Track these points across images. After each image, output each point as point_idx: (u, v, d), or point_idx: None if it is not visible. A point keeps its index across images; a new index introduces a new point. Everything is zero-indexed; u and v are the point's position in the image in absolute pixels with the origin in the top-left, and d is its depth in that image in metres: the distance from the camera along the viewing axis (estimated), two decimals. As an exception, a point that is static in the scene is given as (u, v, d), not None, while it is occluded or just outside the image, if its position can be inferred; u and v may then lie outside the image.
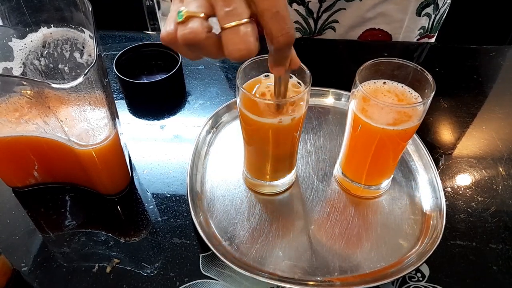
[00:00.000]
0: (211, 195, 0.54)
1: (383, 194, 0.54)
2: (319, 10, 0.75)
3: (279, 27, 0.32)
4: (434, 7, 0.76)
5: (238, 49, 0.31)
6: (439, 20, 0.81)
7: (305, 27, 0.79)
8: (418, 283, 0.46)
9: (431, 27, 0.80)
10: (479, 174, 0.57)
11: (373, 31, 0.78)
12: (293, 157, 0.52)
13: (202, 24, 0.31)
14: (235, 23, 0.30)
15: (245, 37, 0.31)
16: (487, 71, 0.74)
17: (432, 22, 0.79)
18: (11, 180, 0.53)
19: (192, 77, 0.71)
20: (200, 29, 0.31)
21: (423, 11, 0.75)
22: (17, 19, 0.47)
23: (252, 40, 0.31)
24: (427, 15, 0.77)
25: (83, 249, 0.49)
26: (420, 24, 0.78)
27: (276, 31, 0.32)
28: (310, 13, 0.76)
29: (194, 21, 0.31)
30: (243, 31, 0.31)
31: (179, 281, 0.46)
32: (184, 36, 0.31)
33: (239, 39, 0.31)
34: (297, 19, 0.77)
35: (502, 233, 0.50)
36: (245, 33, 0.31)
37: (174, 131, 0.63)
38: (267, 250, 0.48)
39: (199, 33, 0.31)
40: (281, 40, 0.32)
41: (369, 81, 0.47)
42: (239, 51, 0.31)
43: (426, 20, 0.78)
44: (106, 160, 0.48)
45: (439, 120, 0.64)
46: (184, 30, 0.31)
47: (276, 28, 0.32)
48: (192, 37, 0.31)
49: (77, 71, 0.51)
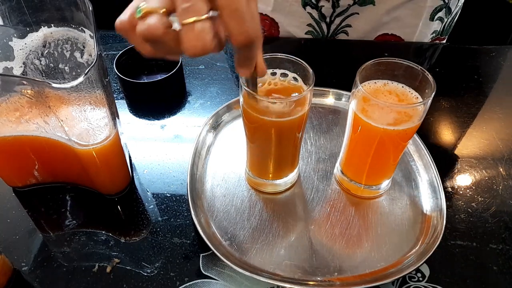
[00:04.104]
0: (211, 195, 0.54)
1: (383, 194, 0.54)
2: (332, 15, 0.75)
3: (237, 25, 0.31)
4: (446, 11, 0.75)
5: (193, 45, 0.30)
6: (451, 23, 0.81)
7: (318, 30, 0.78)
8: (418, 283, 0.46)
9: (443, 29, 0.80)
10: (480, 174, 0.57)
11: (386, 36, 0.77)
12: (295, 156, 0.52)
13: (160, 20, 0.30)
14: (192, 20, 0.30)
15: (201, 34, 0.30)
16: (488, 71, 0.73)
17: (444, 25, 0.79)
18: (12, 180, 0.53)
19: (193, 77, 0.71)
20: (158, 25, 0.30)
21: (436, 15, 0.75)
22: (18, 19, 0.47)
23: (208, 37, 0.30)
24: (439, 19, 0.76)
25: (83, 249, 0.49)
26: (433, 28, 0.77)
27: (234, 30, 0.31)
28: (323, 17, 0.76)
29: (152, 17, 0.31)
30: (199, 27, 0.30)
31: (179, 280, 0.46)
32: (142, 31, 0.31)
33: (194, 36, 0.30)
34: (310, 22, 0.77)
35: (502, 233, 0.50)
36: (202, 30, 0.30)
37: (174, 131, 0.63)
38: (267, 250, 0.48)
39: (156, 29, 0.30)
40: (239, 40, 0.31)
41: (370, 81, 0.47)
42: (194, 47, 0.30)
43: (439, 24, 0.77)
44: (107, 160, 0.49)
45: (440, 120, 0.64)
46: (142, 26, 0.31)
47: (234, 27, 0.31)
48: (150, 33, 0.31)
49: (78, 70, 0.51)
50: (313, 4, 0.74)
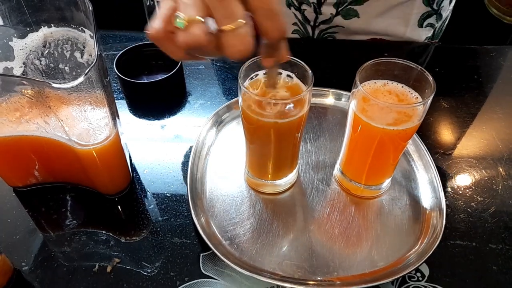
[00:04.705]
0: (211, 194, 0.54)
1: (383, 194, 0.54)
2: (316, 20, 0.75)
3: (273, 23, 0.33)
4: (437, 17, 0.75)
5: (238, 50, 0.32)
6: (441, 27, 0.81)
7: (303, 31, 0.78)
8: (418, 283, 0.46)
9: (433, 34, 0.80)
10: (479, 174, 0.57)
11: (375, 40, 0.77)
12: (295, 157, 0.52)
13: (204, 29, 0.32)
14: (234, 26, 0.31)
15: (244, 39, 0.32)
16: (488, 71, 0.74)
17: (434, 30, 0.79)
18: (12, 180, 0.53)
19: (193, 77, 0.71)
20: (202, 35, 0.31)
21: (425, 22, 0.74)
22: (18, 19, 0.47)
23: (250, 40, 0.32)
24: (430, 25, 0.76)
25: (83, 249, 0.49)
26: (423, 34, 0.77)
27: (270, 28, 0.33)
28: (306, 20, 0.76)
29: (195, 26, 0.31)
30: (242, 33, 0.32)
31: (179, 280, 0.46)
32: (187, 42, 0.32)
33: (238, 41, 0.32)
34: (296, 21, 0.77)
35: (502, 233, 0.50)
36: (244, 35, 0.32)
37: (174, 131, 0.63)
38: (268, 249, 0.48)
39: (202, 39, 0.32)
40: (275, 36, 0.34)
41: (369, 81, 0.47)
42: (240, 52, 0.32)
43: (430, 30, 0.77)
44: (107, 160, 0.49)
45: (439, 120, 0.64)
46: (187, 36, 0.32)
47: (270, 25, 0.33)
48: (196, 43, 0.32)
49: (78, 70, 0.51)
50: (296, 6, 0.74)
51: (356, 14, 0.72)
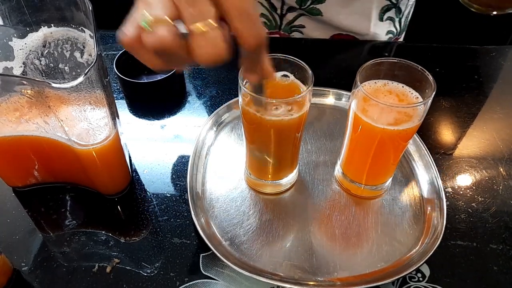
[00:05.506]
0: (211, 195, 0.53)
1: (383, 194, 0.54)
2: (283, 8, 0.75)
3: (247, 27, 0.30)
4: (396, 11, 0.76)
5: (207, 53, 0.30)
6: (405, 22, 0.82)
7: (271, 20, 0.78)
8: (418, 283, 0.46)
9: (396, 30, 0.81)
10: (480, 174, 0.57)
11: (341, 36, 0.78)
12: (295, 157, 0.52)
13: (170, 29, 0.29)
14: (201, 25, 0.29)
15: (215, 42, 0.29)
16: (488, 71, 0.73)
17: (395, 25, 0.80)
18: (12, 180, 0.53)
19: (193, 77, 0.71)
20: (170, 37, 0.29)
21: (385, 15, 0.76)
22: (18, 19, 0.47)
23: (222, 45, 0.29)
24: (390, 19, 0.77)
25: (83, 249, 0.49)
26: (385, 28, 0.78)
27: (245, 32, 0.30)
28: (273, 8, 0.76)
29: (161, 26, 0.29)
30: (212, 35, 0.29)
31: (179, 281, 0.46)
32: (152, 43, 0.29)
33: (209, 44, 0.29)
34: (263, 11, 0.77)
35: (502, 233, 0.50)
36: (215, 37, 0.29)
37: (174, 131, 0.63)
38: (268, 250, 0.48)
39: (169, 41, 0.29)
40: (250, 42, 0.31)
41: (370, 81, 0.47)
42: (209, 56, 0.30)
43: (390, 24, 0.78)
44: (106, 160, 0.48)
45: (440, 120, 0.64)
46: (152, 38, 0.29)
47: (244, 28, 0.30)
48: (161, 44, 0.29)
49: (78, 70, 0.51)
50: None
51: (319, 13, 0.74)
